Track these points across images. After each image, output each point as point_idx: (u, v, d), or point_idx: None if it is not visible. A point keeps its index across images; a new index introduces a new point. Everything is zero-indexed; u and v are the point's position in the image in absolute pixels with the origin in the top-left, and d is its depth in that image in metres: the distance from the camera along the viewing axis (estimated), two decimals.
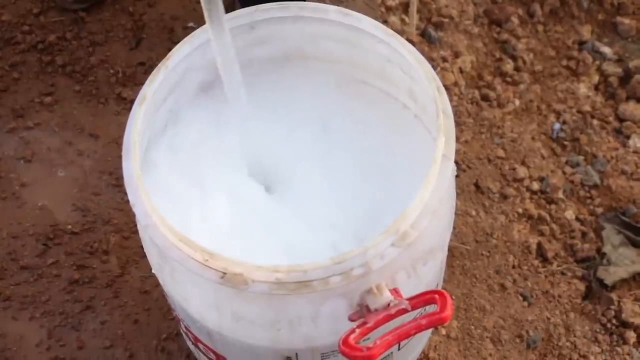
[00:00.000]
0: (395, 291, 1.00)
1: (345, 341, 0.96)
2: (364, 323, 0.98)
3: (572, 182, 1.78)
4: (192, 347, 1.29)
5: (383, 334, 0.97)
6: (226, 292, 1.01)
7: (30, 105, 1.83)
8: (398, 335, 0.96)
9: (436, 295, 0.98)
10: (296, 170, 1.23)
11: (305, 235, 1.17)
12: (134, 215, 1.04)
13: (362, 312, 1.00)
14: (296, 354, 1.09)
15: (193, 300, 1.07)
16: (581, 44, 2.01)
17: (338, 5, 1.30)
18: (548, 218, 1.72)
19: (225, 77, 1.14)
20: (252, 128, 1.21)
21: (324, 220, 1.18)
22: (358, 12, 1.16)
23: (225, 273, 0.97)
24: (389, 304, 0.98)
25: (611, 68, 1.96)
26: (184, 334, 1.30)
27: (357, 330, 0.97)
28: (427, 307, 1.01)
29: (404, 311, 0.99)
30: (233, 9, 1.19)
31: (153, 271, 1.14)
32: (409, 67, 1.11)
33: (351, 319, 1.00)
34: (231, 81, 1.14)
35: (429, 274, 1.09)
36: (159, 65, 1.12)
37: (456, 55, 1.92)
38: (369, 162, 1.21)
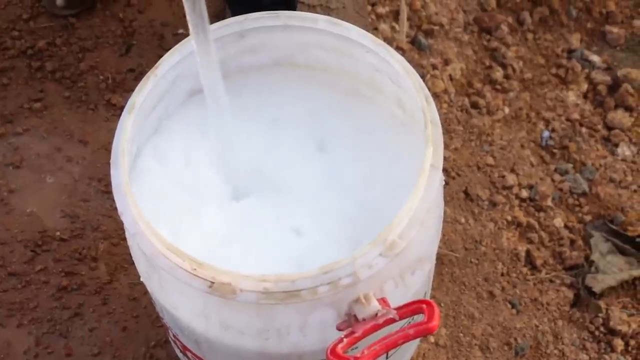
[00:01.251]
0: (383, 301, 1.00)
1: (333, 351, 0.96)
2: (352, 332, 0.98)
3: (560, 189, 1.79)
4: (180, 355, 1.29)
5: (371, 344, 0.97)
6: (214, 301, 1.01)
7: (19, 111, 1.82)
8: (386, 345, 0.97)
9: (424, 305, 0.98)
10: (287, 174, 1.22)
11: (296, 241, 1.16)
12: (122, 222, 1.04)
13: (350, 321, 1.00)
14: None
15: (181, 308, 1.07)
16: (570, 52, 2.02)
17: (329, 14, 1.31)
18: (537, 226, 1.73)
19: (207, 88, 1.13)
20: (236, 136, 1.20)
21: (316, 225, 1.17)
22: (349, 20, 1.17)
23: (213, 282, 0.97)
24: (376, 314, 0.99)
25: (600, 76, 1.97)
26: (172, 342, 1.30)
27: (345, 340, 0.97)
28: (415, 316, 1.01)
29: (392, 321, 0.99)
30: (224, 17, 1.19)
31: (141, 279, 1.13)
32: (397, 77, 1.11)
33: (339, 329, 1.00)
34: (213, 92, 1.14)
35: (416, 283, 1.09)
36: (148, 73, 1.12)
37: (446, 62, 1.93)
38: (361, 167, 1.21)
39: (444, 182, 1.12)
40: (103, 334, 1.56)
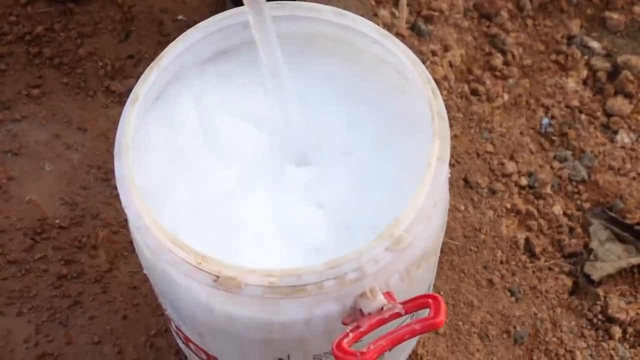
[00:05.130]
0: (388, 295, 1.00)
1: (338, 345, 0.96)
2: (358, 327, 0.98)
3: (560, 177, 1.78)
4: (182, 346, 1.29)
5: (377, 339, 0.97)
6: (219, 295, 1.01)
7: (17, 97, 1.81)
8: (392, 340, 0.96)
9: (430, 300, 0.98)
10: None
11: (324, 190, 1.15)
12: (122, 209, 1.03)
13: (355, 315, 1.00)
14: (288, 355, 1.10)
15: (185, 301, 1.07)
16: (570, 38, 2.01)
17: (330, 1, 1.29)
18: (536, 213, 1.73)
19: (264, 53, 1.12)
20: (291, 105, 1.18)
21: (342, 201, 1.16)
22: (350, 7, 1.17)
23: (218, 276, 0.97)
24: (382, 308, 0.99)
25: (599, 63, 1.96)
26: (174, 333, 1.29)
27: (351, 335, 0.97)
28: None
29: (398, 315, 0.99)
30: (224, 9, 1.19)
31: (144, 272, 1.13)
32: (403, 69, 1.11)
33: (344, 323, 1.00)
34: (271, 58, 1.12)
35: (422, 276, 1.09)
36: (152, 64, 1.11)
37: (446, 49, 1.92)
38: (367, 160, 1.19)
39: (449, 175, 1.12)
40: (103, 322, 1.56)
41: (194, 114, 1.20)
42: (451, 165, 1.75)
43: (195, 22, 1.18)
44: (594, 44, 2.00)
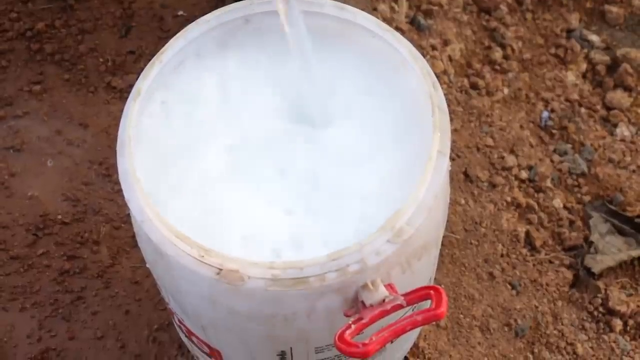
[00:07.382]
0: (390, 287, 1.01)
1: (341, 337, 0.96)
2: (360, 319, 0.98)
3: (560, 170, 1.79)
4: (185, 339, 1.30)
5: (379, 330, 0.97)
6: (222, 288, 1.01)
7: (18, 93, 1.81)
8: (394, 332, 0.97)
9: (431, 291, 0.98)
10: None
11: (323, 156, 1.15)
12: (124, 205, 1.04)
13: (357, 307, 1.00)
14: (290, 348, 1.10)
15: (188, 294, 1.08)
16: (569, 32, 2.01)
17: None
18: (536, 207, 1.73)
19: (294, 45, 1.13)
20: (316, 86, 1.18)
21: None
22: (350, 2, 1.16)
23: (220, 269, 0.98)
24: (384, 300, 0.99)
25: (599, 56, 1.96)
26: (177, 327, 1.30)
27: (353, 326, 0.97)
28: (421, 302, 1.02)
29: (399, 307, 0.99)
30: (224, 4, 1.19)
31: (147, 266, 1.14)
32: (404, 63, 1.12)
33: (346, 315, 1.01)
34: (301, 50, 1.13)
35: (423, 269, 1.10)
36: (153, 59, 1.12)
37: (445, 43, 1.92)
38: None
39: (449, 168, 1.12)
40: (106, 317, 1.56)
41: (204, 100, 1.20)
42: (451, 159, 1.76)
43: (196, 18, 1.18)
44: (594, 37, 2.00)
